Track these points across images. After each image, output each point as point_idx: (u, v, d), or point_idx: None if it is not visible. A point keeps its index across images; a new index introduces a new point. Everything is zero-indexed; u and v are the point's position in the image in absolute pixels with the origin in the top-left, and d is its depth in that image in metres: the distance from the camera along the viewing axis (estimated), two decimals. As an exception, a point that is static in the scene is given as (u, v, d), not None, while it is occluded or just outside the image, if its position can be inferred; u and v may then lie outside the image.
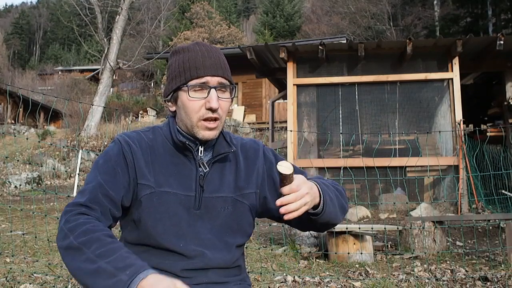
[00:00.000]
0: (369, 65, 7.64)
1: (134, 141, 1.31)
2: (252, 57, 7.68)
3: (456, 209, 6.69)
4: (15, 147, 15.04)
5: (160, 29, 26.73)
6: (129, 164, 1.27)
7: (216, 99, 1.26)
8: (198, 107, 1.26)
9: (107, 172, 1.26)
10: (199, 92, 1.27)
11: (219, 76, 1.27)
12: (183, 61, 1.29)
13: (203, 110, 1.26)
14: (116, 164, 1.27)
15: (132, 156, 1.28)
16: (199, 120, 1.27)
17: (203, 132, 1.28)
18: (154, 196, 1.26)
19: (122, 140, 1.31)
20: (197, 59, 1.27)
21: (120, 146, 1.30)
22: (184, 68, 1.28)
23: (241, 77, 16.77)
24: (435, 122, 7.53)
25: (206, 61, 1.27)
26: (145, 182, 1.27)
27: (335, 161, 7.35)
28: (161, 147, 1.33)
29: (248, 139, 1.47)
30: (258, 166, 1.41)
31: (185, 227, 1.27)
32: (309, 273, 3.85)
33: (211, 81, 1.27)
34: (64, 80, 33.64)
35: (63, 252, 1.12)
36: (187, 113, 1.28)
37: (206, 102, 1.26)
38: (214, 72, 1.27)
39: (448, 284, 3.56)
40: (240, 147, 1.42)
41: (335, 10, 29.74)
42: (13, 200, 8.24)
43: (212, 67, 1.27)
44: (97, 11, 18.20)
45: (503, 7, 22.18)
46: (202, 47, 1.31)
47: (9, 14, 67.45)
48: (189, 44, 1.33)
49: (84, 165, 12.30)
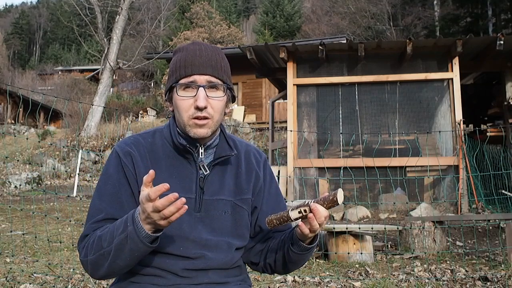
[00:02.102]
0: (369, 65, 7.64)
1: (132, 147, 1.32)
2: (252, 57, 7.68)
3: (456, 209, 6.69)
4: (15, 147, 15.05)
5: (160, 29, 26.72)
6: (130, 177, 1.28)
7: (203, 98, 1.25)
8: (188, 106, 1.27)
9: (109, 194, 1.28)
10: (188, 91, 1.27)
11: (207, 75, 1.27)
12: (176, 60, 1.30)
13: (192, 109, 1.26)
14: (117, 182, 1.28)
15: (133, 166, 1.29)
16: (189, 118, 1.27)
17: (194, 130, 1.27)
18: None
19: (121, 151, 1.31)
20: (188, 58, 1.28)
21: (118, 159, 1.30)
22: (176, 67, 1.29)
23: (241, 77, 16.77)
24: (435, 122, 7.53)
25: (195, 60, 1.27)
26: None
27: (335, 161, 7.35)
28: (160, 150, 1.33)
29: (253, 147, 1.48)
30: (258, 175, 1.41)
31: (186, 229, 1.27)
32: (309, 273, 3.85)
33: (199, 80, 1.26)
34: (64, 80, 33.66)
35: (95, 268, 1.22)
36: (178, 111, 1.29)
37: (195, 101, 1.26)
38: (202, 71, 1.26)
39: (448, 284, 3.56)
40: (244, 152, 1.43)
41: (335, 10, 29.74)
42: (13, 200, 8.23)
43: (201, 66, 1.27)
44: (97, 11, 18.20)
45: (503, 7, 22.18)
46: (196, 46, 1.31)
47: (9, 14, 67.43)
48: (187, 44, 1.34)
49: (84, 165, 12.31)
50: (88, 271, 1.25)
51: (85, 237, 1.25)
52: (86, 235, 1.26)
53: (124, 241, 1.13)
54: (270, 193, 1.44)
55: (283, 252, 1.33)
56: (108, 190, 1.28)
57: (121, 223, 1.16)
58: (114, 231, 1.16)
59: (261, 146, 13.78)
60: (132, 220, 1.12)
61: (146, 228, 1.10)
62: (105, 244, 1.16)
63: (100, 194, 1.29)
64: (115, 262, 1.17)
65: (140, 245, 1.12)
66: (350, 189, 7.61)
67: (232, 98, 1.37)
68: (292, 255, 1.30)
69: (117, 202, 1.27)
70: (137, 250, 1.13)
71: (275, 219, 1.23)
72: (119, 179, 1.28)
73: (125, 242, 1.13)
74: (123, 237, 1.13)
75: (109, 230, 1.18)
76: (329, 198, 1.18)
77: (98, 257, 1.18)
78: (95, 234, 1.22)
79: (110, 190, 1.28)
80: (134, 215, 1.13)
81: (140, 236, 1.11)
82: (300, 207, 1.20)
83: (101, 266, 1.19)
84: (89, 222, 1.26)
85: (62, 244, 4.65)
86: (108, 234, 1.17)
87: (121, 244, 1.13)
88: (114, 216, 1.25)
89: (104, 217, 1.25)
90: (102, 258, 1.17)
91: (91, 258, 1.20)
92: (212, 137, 1.34)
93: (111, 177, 1.29)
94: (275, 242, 1.37)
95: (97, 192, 1.30)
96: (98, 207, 1.27)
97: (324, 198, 1.19)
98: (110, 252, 1.15)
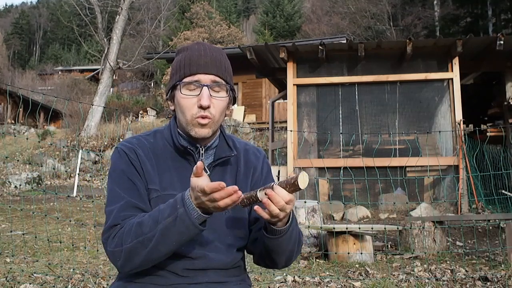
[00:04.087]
0: (369, 65, 7.63)
1: (136, 147, 1.31)
2: (252, 57, 7.68)
3: (456, 209, 6.69)
4: (15, 147, 15.05)
5: (160, 29, 26.73)
6: (139, 171, 1.28)
7: (207, 97, 1.25)
8: (191, 105, 1.26)
9: (127, 187, 1.26)
10: (192, 90, 1.27)
11: (212, 74, 1.27)
12: (180, 60, 1.30)
13: (195, 108, 1.26)
14: (131, 175, 1.27)
15: (140, 163, 1.29)
16: (192, 117, 1.26)
17: (196, 129, 1.27)
18: (159, 200, 1.26)
19: (126, 148, 1.31)
20: (192, 57, 1.27)
21: (126, 156, 1.29)
22: (179, 66, 1.29)
23: (241, 77, 16.77)
24: (435, 122, 7.53)
25: (200, 60, 1.27)
26: (152, 186, 1.28)
27: (335, 161, 7.35)
28: (162, 151, 1.33)
29: (252, 146, 1.48)
30: (256, 171, 1.42)
31: None
32: (309, 273, 3.85)
33: (203, 79, 1.26)
34: (64, 80, 33.66)
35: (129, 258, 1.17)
36: (181, 110, 1.28)
37: (198, 100, 1.25)
38: (207, 70, 1.26)
39: (448, 284, 3.55)
40: (243, 151, 1.43)
41: (335, 10, 29.75)
42: (13, 200, 8.23)
43: (206, 65, 1.27)
44: (97, 11, 18.20)
45: (503, 7, 22.20)
46: (201, 46, 1.31)
47: (9, 14, 67.43)
48: (190, 44, 1.34)
49: (84, 165, 12.31)
50: (118, 262, 1.19)
51: (113, 228, 1.21)
52: (114, 225, 1.21)
53: (172, 224, 1.12)
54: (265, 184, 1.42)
55: (262, 240, 1.30)
56: (125, 184, 1.26)
57: (167, 207, 1.15)
58: (159, 215, 1.14)
59: (261, 146, 13.78)
60: (182, 202, 1.12)
61: (198, 210, 1.11)
62: (146, 229, 1.14)
63: (118, 188, 1.26)
64: (157, 248, 1.15)
65: (191, 226, 1.12)
66: (350, 189, 7.62)
67: (233, 99, 1.37)
68: (267, 241, 1.26)
69: (136, 193, 1.25)
70: (186, 233, 1.13)
71: (245, 198, 1.18)
72: (132, 172, 1.27)
73: (173, 225, 1.12)
74: (170, 220, 1.12)
75: (150, 216, 1.16)
76: (291, 181, 1.11)
77: (135, 244, 1.15)
78: (131, 222, 1.18)
79: (127, 184, 1.26)
80: (184, 197, 1.13)
81: (191, 218, 1.11)
82: (265, 188, 1.15)
83: (138, 254, 1.16)
84: (114, 213, 1.22)
85: (62, 244, 4.65)
86: (151, 220, 1.15)
87: (167, 228, 1.13)
88: (137, 205, 1.23)
89: (129, 205, 1.23)
90: (140, 245, 1.15)
91: (127, 247, 1.16)
92: (212, 138, 1.34)
93: (123, 171, 1.27)
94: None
95: (114, 186, 1.27)
96: (117, 197, 1.24)
97: (287, 182, 1.12)
98: (152, 238, 1.13)
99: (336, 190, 7.50)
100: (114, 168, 1.29)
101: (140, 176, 1.28)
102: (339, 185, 7.32)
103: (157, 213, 1.16)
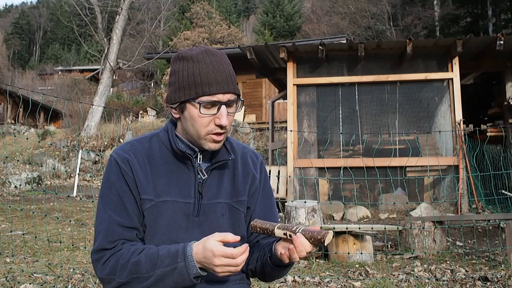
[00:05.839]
0: (369, 65, 7.63)
1: (130, 154, 1.31)
2: (252, 57, 7.68)
3: (456, 209, 6.69)
4: (15, 147, 15.05)
5: (160, 29, 26.73)
6: (131, 184, 1.28)
7: (226, 116, 1.25)
8: (207, 122, 1.26)
9: (114, 202, 1.28)
10: (209, 109, 1.26)
11: (230, 93, 1.26)
12: (193, 73, 1.24)
13: (212, 125, 1.26)
14: (120, 190, 1.28)
15: (132, 173, 1.29)
16: (207, 134, 1.27)
17: (210, 144, 1.28)
18: (154, 209, 1.28)
19: (119, 158, 1.30)
20: (209, 73, 1.24)
21: (118, 167, 1.29)
22: (195, 81, 1.24)
23: (241, 77, 16.74)
24: (435, 122, 7.53)
25: (218, 76, 1.24)
26: (146, 196, 1.28)
27: (335, 161, 7.35)
28: (158, 156, 1.33)
29: (250, 149, 1.48)
30: (254, 176, 1.42)
31: (183, 235, 1.28)
32: (309, 273, 3.85)
33: (222, 98, 1.25)
34: (64, 80, 33.68)
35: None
36: (195, 126, 1.27)
37: (216, 118, 1.25)
38: (226, 89, 1.25)
39: (448, 284, 3.56)
40: (241, 154, 1.43)
41: (335, 10, 29.74)
42: (13, 200, 8.23)
43: (224, 83, 1.25)
44: (97, 11, 18.20)
45: (503, 7, 22.20)
46: (212, 58, 1.26)
47: (9, 14, 67.46)
48: (197, 52, 1.28)
49: (84, 165, 12.31)
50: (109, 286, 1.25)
51: (102, 251, 1.25)
52: (103, 249, 1.25)
53: (169, 273, 1.17)
54: (264, 195, 1.44)
55: (262, 262, 1.34)
56: (112, 198, 1.28)
57: (167, 255, 1.18)
58: (158, 261, 1.18)
59: (261, 146, 13.79)
60: (183, 257, 1.17)
61: (198, 266, 1.17)
62: (143, 270, 1.19)
63: (104, 203, 1.29)
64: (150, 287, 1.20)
65: (187, 280, 1.17)
66: (350, 189, 7.62)
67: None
68: (268, 267, 1.31)
69: (122, 210, 1.27)
70: (181, 283, 1.19)
71: (259, 227, 1.23)
72: (121, 186, 1.28)
73: (170, 275, 1.17)
74: (168, 269, 1.17)
75: (148, 258, 1.19)
76: (317, 236, 1.14)
77: (130, 279, 1.20)
78: (124, 256, 1.22)
79: (114, 198, 1.28)
80: (185, 252, 1.17)
81: (190, 273, 1.16)
82: (287, 229, 1.18)
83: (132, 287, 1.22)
84: (102, 235, 1.26)
85: (62, 244, 4.65)
86: (148, 262, 1.19)
87: (165, 275, 1.18)
88: (122, 224, 1.26)
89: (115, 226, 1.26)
90: (136, 281, 1.20)
91: (122, 281, 1.21)
92: None
93: (113, 184, 1.29)
94: (258, 250, 1.38)
95: (101, 201, 1.30)
96: (103, 216, 1.28)
97: (312, 234, 1.15)
98: (148, 278, 1.19)
99: (336, 190, 7.50)
100: (106, 178, 1.31)
101: (131, 189, 1.28)
102: (339, 185, 7.32)
103: (155, 258, 1.19)
